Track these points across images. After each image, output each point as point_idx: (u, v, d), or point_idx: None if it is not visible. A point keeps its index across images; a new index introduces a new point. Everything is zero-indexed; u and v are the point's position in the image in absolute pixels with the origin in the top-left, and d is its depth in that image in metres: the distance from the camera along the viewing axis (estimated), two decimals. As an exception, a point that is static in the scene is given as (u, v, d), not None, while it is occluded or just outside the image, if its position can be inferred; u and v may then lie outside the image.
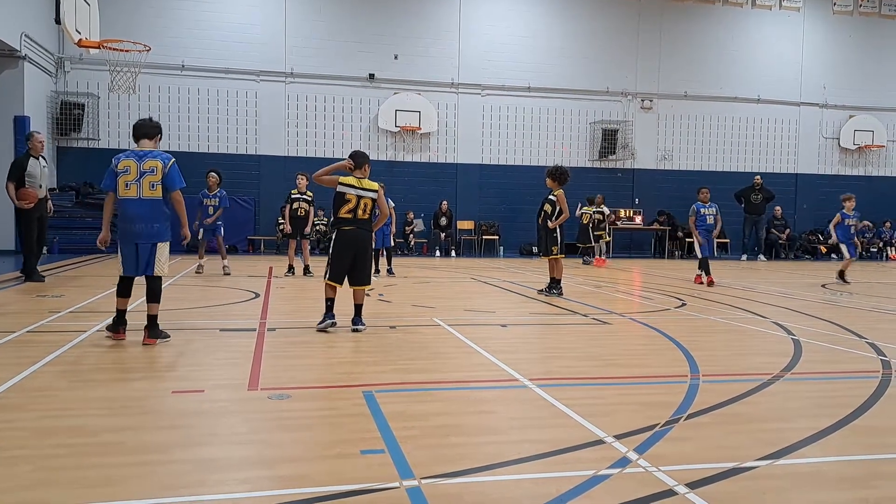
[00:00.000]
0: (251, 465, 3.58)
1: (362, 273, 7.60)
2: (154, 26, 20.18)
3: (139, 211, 6.49)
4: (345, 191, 7.50)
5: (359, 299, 7.63)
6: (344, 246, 7.52)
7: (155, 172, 6.51)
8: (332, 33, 21.78)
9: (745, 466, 3.60)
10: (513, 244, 23.09)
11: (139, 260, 6.56)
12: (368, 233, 7.67)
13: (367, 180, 7.62)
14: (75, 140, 20.05)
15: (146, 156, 6.57)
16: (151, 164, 6.52)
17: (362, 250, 7.57)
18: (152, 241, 6.55)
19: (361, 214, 7.52)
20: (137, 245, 6.53)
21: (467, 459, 3.64)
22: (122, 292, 6.68)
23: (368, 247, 7.70)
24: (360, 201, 7.49)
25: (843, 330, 8.21)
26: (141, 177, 6.49)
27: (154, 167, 6.51)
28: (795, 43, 25.12)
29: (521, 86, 23.10)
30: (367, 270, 7.69)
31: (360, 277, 7.59)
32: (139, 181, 6.49)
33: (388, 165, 21.97)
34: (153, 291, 6.66)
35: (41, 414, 4.31)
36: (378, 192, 7.66)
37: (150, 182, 6.50)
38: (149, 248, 6.55)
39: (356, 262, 7.54)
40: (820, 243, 24.69)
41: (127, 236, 6.54)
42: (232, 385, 5.11)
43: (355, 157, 7.64)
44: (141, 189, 6.49)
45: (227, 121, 21.33)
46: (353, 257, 7.52)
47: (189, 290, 11.12)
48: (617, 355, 6.67)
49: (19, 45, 17.00)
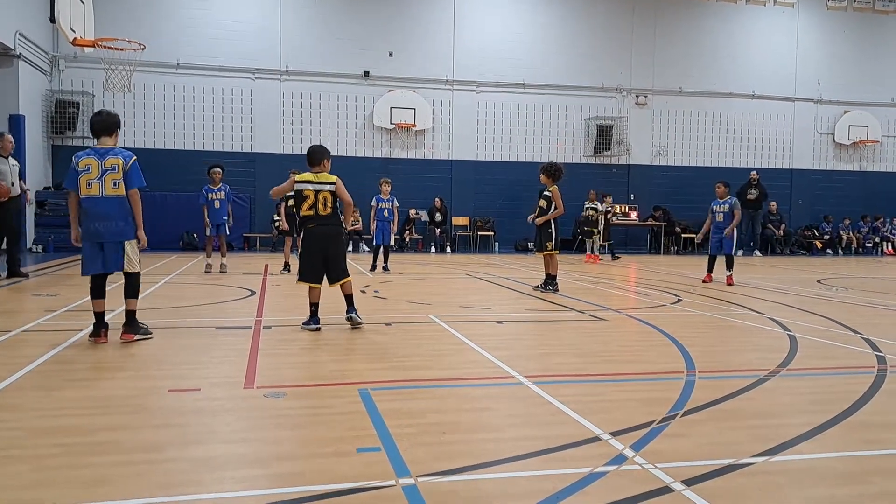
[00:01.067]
0: (247, 464, 3.58)
1: (338, 268, 7.48)
2: (149, 24, 20.14)
3: (103, 209, 6.36)
4: (302, 188, 7.43)
5: (346, 290, 7.53)
6: (311, 244, 7.46)
7: (116, 170, 6.36)
8: (327, 31, 21.76)
9: (742, 463, 3.61)
10: (508, 240, 23.11)
11: (105, 258, 6.44)
12: (335, 227, 7.51)
13: (324, 174, 7.50)
14: (70, 138, 20.01)
15: (108, 153, 6.42)
16: (113, 161, 6.38)
17: (332, 245, 7.45)
18: (118, 240, 6.43)
19: (322, 209, 7.39)
20: (102, 244, 6.41)
21: (464, 457, 3.64)
22: (96, 293, 6.53)
23: (338, 241, 7.54)
24: (319, 195, 7.38)
25: (838, 325, 8.23)
26: (103, 175, 6.35)
27: (115, 164, 6.37)
28: (790, 38, 25.15)
29: (515, 82, 23.10)
30: (342, 264, 7.54)
31: (338, 273, 7.48)
32: (101, 179, 6.35)
33: (383, 162, 21.97)
34: (131, 287, 6.61)
35: (37, 413, 4.30)
36: (336, 184, 7.47)
37: (113, 180, 6.36)
38: (114, 246, 6.43)
39: (328, 259, 7.43)
40: (815, 238, 24.75)
41: (90, 235, 6.41)
42: (228, 383, 5.11)
43: (310, 154, 7.57)
44: (103, 187, 6.36)
45: (222, 118, 21.30)
46: (324, 254, 7.41)
47: (185, 288, 11.11)
48: (613, 352, 6.67)
49: (14, 44, 16.94)
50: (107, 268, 6.52)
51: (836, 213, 25.29)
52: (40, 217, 18.53)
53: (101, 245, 6.43)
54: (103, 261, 6.47)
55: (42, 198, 18.68)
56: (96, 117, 6.65)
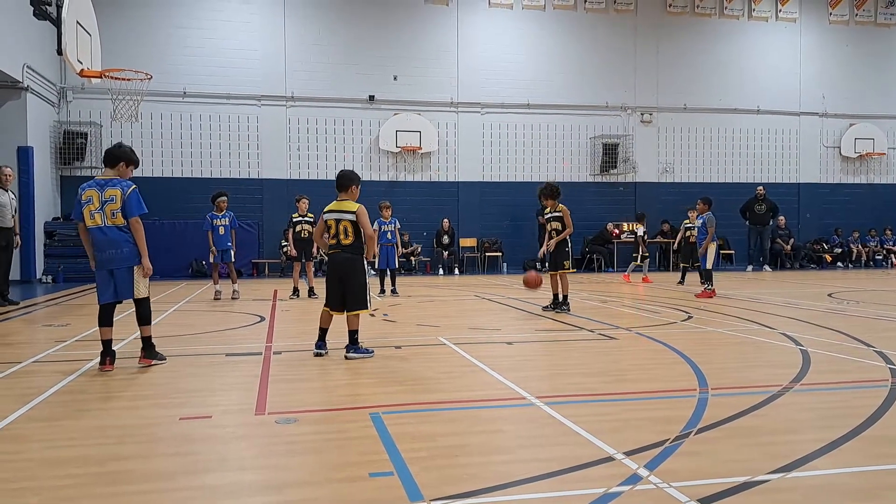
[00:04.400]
0: (259, 491, 3.56)
1: (353, 297, 7.26)
2: (155, 54, 20.33)
3: (105, 238, 6.53)
4: (326, 217, 7.42)
5: (352, 325, 7.28)
6: (330, 271, 7.44)
7: (115, 201, 6.54)
8: (332, 56, 21.92)
9: (757, 480, 3.58)
10: (516, 260, 23.07)
11: (117, 286, 6.59)
12: (354, 256, 7.31)
13: (347, 202, 7.38)
14: (79, 169, 20.13)
15: (107, 185, 6.61)
16: (111, 192, 6.56)
17: (348, 273, 7.27)
18: (126, 265, 6.57)
19: (343, 238, 7.28)
20: (113, 271, 6.56)
21: (476, 480, 3.62)
22: (104, 321, 6.65)
23: (355, 270, 7.29)
24: (339, 225, 7.30)
25: (850, 339, 8.17)
26: (103, 206, 6.54)
27: (114, 195, 6.55)
28: (793, 53, 25.21)
29: (520, 103, 23.18)
30: (359, 295, 7.28)
31: (352, 302, 7.26)
32: (102, 210, 6.54)
33: (389, 186, 22.03)
34: (141, 315, 6.76)
35: (48, 444, 4.30)
36: (357, 213, 7.28)
37: (111, 210, 6.54)
38: (124, 272, 6.57)
39: (344, 287, 7.28)
40: (825, 252, 24.65)
41: (100, 263, 6.59)
42: (239, 410, 5.10)
43: (337, 180, 7.51)
44: (105, 217, 6.54)
45: (228, 146, 21.42)
46: (340, 282, 7.30)
47: (194, 316, 11.13)
48: (624, 370, 6.64)
49: (22, 77, 17.13)
50: (119, 295, 6.63)
51: (844, 226, 25.20)
52: (49, 247, 18.59)
53: (111, 272, 6.57)
54: (115, 289, 6.60)
55: (51, 228, 18.77)
56: (108, 148, 6.92)
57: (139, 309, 6.75)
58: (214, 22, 21.17)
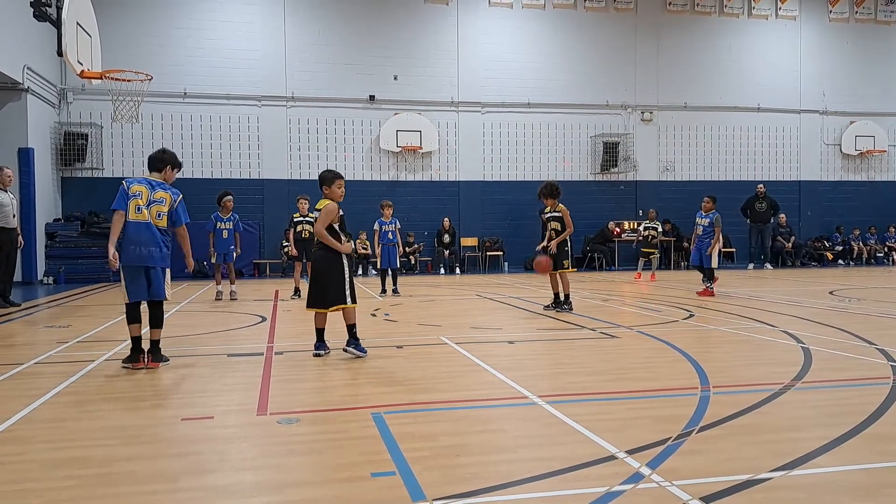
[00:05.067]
0: (262, 491, 3.57)
1: (331, 292, 7.13)
2: (155, 55, 20.33)
3: (150, 235, 6.62)
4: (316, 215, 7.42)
5: (348, 319, 7.22)
6: (311, 268, 7.48)
7: (164, 203, 6.71)
8: (332, 56, 21.92)
9: (760, 478, 3.58)
10: (517, 259, 23.07)
11: (151, 284, 6.66)
12: (328, 253, 7.17)
13: (323, 200, 7.30)
14: (79, 170, 20.16)
15: (157, 186, 6.78)
16: (161, 194, 6.73)
17: (323, 269, 7.19)
18: (162, 265, 6.70)
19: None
20: (148, 270, 6.63)
21: (478, 479, 3.62)
22: (133, 318, 6.72)
23: (329, 266, 7.16)
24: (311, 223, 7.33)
25: (852, 337, 8.17)
26: (150, 204, 6.66)
27: (163, 198, 6.73)
28: (793, 51, 25.19)
29: (520, 102, 23.18)
30: (336, 289, 7.13)
31: (331, 297, 7.14)
32: (148, 207, 6.66)
33: (390, 185, 22.04)
34: (157, 318, 6.82)
35: (51, 446, 4.30)
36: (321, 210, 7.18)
37: (158, 211, 6.69)
38: (160, 272, 6.69)
39: (321, 283, 7.19)
40: (826, 250, 24.63)
41: (135, 259, 6.60)
42: (241, 410, 5.10)
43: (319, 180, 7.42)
44: (150, 216, 6.66)
45: (229, 146, 21.44)
46: (317, 278, 7.25)
47: (196, 316, 11.13)
48: (626, 369, 6.64)
49: (22, 78, 17.14)
50: (151, 294, 6.71)
51: (845, 223, 25.19)
52: (50, 249, 18.60)
53: (144, 270, 6.63)
54: (147, 287, 6.67)
55: (52, 230, 18.77)
56: (152, 154, 7.05)
57: (155, 311, 6.80)
58: (214, 22, 21.18)
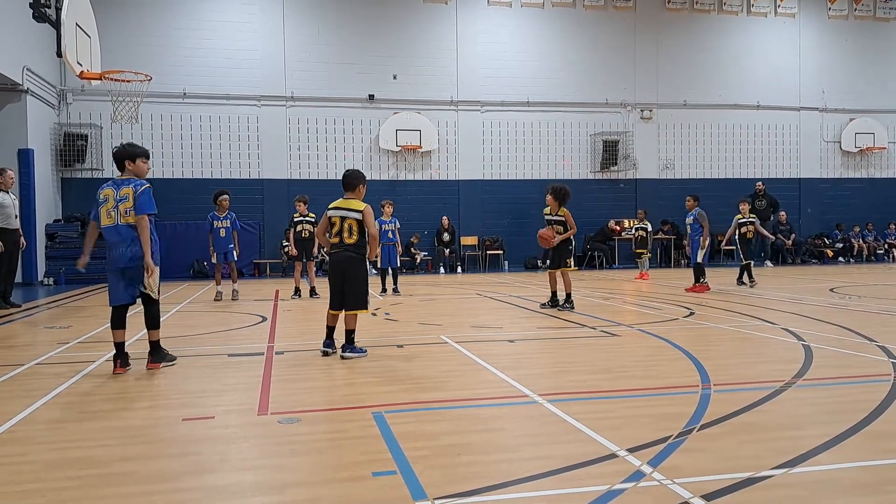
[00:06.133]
0: (263, 491, 3.57)
1: (352, 297, 7.20)
2: (154, 56, 20.33)
3: (118, 236, 6.53)
4: (331, 214, 7.34)
5: (349, 325, 7.23)
6: (332, 269, 7.36)
7: (128, 199, 6.57)
8: (331, 56, 21.92)
9: (761, 476, 3.58)
10: (517, 258, 23.09)
11: (128, 285, 6.59)
12: (356, 255, 7.24)
13: (354, 200, 7.33)
14: (79, 171, 20.16)
15: (123, 184, 6.66)
16: (125, 191, 6.60)
17: (350, 272, 7.20)
18: (138, 263, 6.52)
19: (347, 237, 7.21)
20: (125, 270, 6.55)
21: (480, 478, 3.62)
22: (116, 324, 6.64)
23: (356, 268, 7.23)
24: (344, 223, 7.21)
25: (853, 334, 8.17)
26: (117, 204, 6.57)
27: (127, 194, 6.58)
28: (792, 49, 25.19)
29: (520, 101, 23.17)
30: (359, 295, 7.23)
31: (351, 302, 7.20)
32: (116, 208, 6.57)
33: (390, 185, 22.04)
34: (152, 318, 6.74)
35: (52, 446, 4.30)
36: (363, 212, 7.21)
37: (125, 208, 6.55)
38: (138, 270, 6.54)
39: (345, 286, 7.21)
40: (826, 247, 24.63)
41: (112, 263, 6.59)
42: (241, 410, 5.10)
43: (344, 179, 7.43)
44: (118, 215, 6.55)
45: (229, 146, 21.44)
46: (342, 280, 7.22)
47: (196, 316, 11.13)
48: (627, 367, 6.63)
49: (22, 79, 17.14)
50: (130, 298, 6.64)
51: (845, 220, 25.20)
52: (51, 249, 18.61)
53: (122, 272, 6.56)
54: (127, 290, 6.61)
55: (52, 230, 18.78)
56: (114, 149, 7.01)
57: (149, 311, 6.73)
58: (214, 22, 21.19)
